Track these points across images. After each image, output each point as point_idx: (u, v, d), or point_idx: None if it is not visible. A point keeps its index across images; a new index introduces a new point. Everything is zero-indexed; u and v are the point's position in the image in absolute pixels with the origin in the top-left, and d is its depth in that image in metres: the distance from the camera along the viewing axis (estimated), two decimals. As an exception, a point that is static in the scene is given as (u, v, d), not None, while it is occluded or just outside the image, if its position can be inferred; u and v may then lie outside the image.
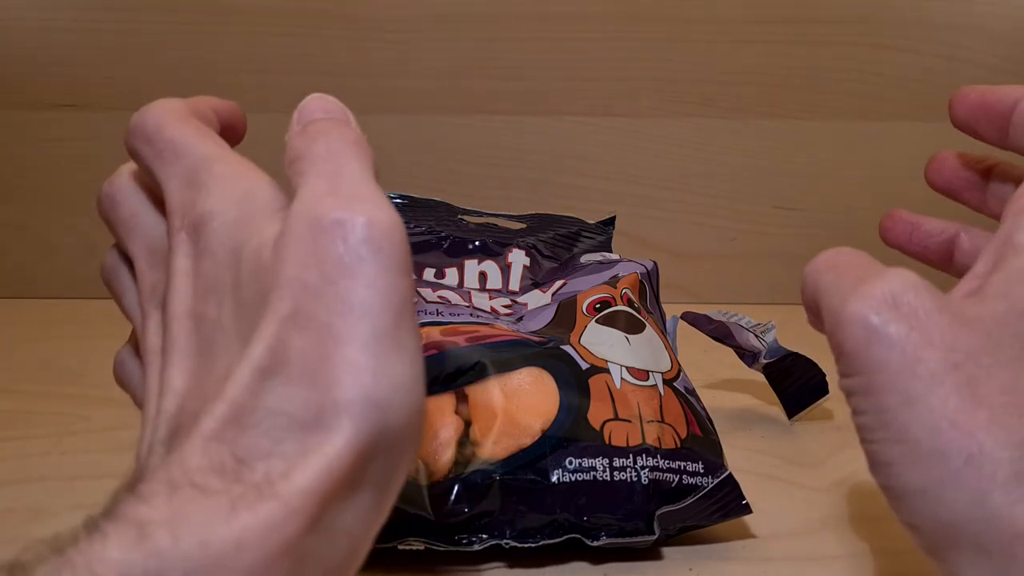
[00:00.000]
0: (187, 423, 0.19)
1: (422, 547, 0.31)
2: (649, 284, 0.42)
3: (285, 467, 0.17)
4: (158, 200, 0.23)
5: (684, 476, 0.32)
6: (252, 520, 0.16)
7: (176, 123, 0.23)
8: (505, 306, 0.40)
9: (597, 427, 0.32)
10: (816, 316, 0.25)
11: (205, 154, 0.22)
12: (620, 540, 0.31)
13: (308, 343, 0.18)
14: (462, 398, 0.33)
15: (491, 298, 0.41)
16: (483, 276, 0.43)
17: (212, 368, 0.20)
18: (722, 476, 0.33)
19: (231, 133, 0.26)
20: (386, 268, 0.18)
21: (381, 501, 0.19)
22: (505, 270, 0.43)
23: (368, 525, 0.19)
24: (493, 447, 0.32)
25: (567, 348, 0.35)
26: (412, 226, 0.44)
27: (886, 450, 0.21)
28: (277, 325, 0.18)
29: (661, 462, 0.32)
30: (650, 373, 0.35)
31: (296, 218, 0.19)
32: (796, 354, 0.43)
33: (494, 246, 0.45)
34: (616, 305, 0.38)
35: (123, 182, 0.24)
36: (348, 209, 0.19)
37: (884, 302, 0.22)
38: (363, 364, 0.18)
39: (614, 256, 0.44)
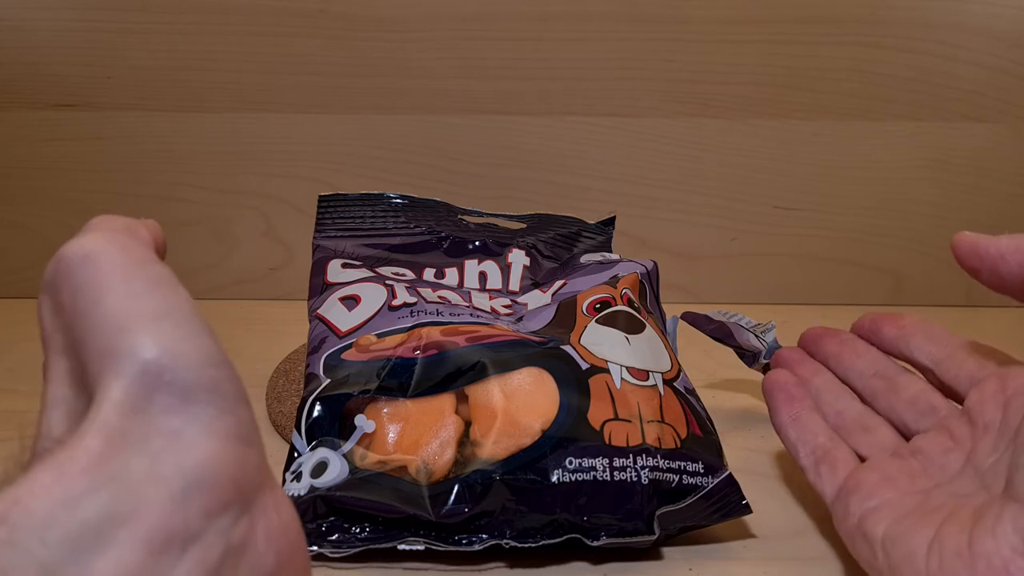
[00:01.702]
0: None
1: (422, 547, 0.31)
2: (649, 284, 0.42)
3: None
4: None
5: (684, 476, 0.32)
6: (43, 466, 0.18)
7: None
8: (505, 306, 0.40)
9: (597, 427, 0.32)
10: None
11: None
12: (620, 540, 0.31)
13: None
14: (462, 398, 0.33)
15: (491, 298, 0.41)
16: (483, 276, 0.43)
17: None
18: (722, 476, 0.33)
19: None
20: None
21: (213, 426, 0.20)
22: (505, 270, 0.43)
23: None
24: (493, 447, 0.32)
25: (567, 348, 0.35)
26: (412, 226, 0.44)
27: None
28: None
29: (661, 462, 0.32)
30: (650, 373, 0.35)
31: None
32: (796, 354, 0.43)
33: (494, 246, 0.45)
34: (616, 305, 0.38)
35: None
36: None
37: None
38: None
39: (614, 256, 0.44)
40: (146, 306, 0.20)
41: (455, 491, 0.31)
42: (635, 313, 0.38)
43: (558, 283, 0.42)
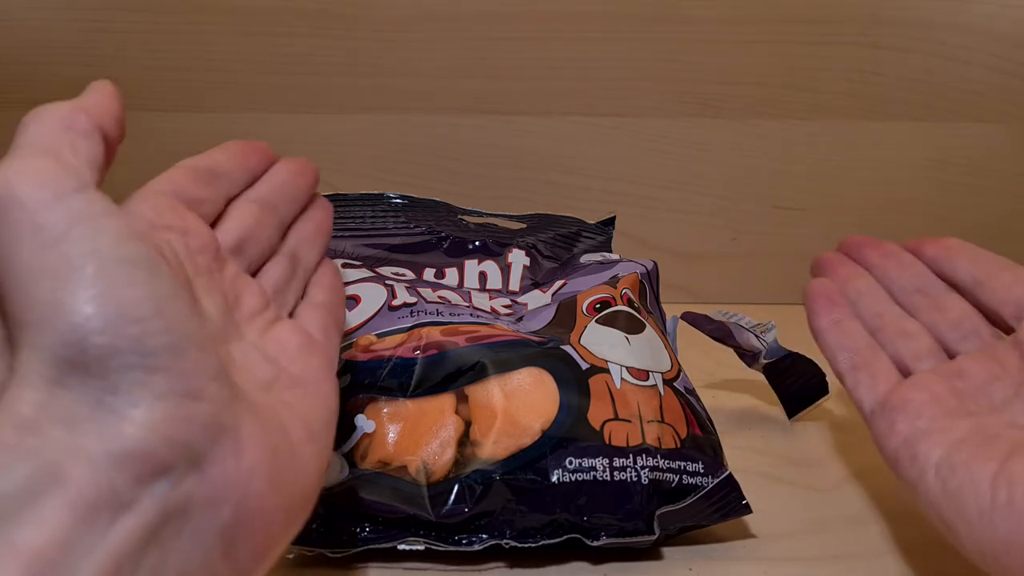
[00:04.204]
0: None
1: (422, 547, 0.31)
2: (649, 284, 0.42)
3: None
4: None
5: (684, 476, 0.32)
6: None
7: None
8: (505, 306, 0.40)
9: (597, 427, 0.32)
10: None
11: None
12: (620, 540, 0.31)
13: None
14: (462, 398, 0.33)
15: (491, 298, 0.41)
16: (483, 276, 0.43)
17: None
18: (722, 476, 0.33)
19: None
20: None
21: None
22: (505, 270, 0.43)
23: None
24: (493, 447, 0.32)
25: (567, 348, 0.35)
26: (412, 226, 0.44)
27: None
28: None
29: (661, 462, 0.32)
30: (650, 373, 0.35)
31: None
32: (796, 354, 0.43)
33: (494, 246, 0.45)
34: (616, 305, 0.38)
35: None
36: None
37: None
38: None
39: (614, 256, 0.44)
40: (57, 260, 0.18)
41: (455, 491, 0.31)
42: (635, 313, 0.38)
43: (558, 283, 0.42)
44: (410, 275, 0.42)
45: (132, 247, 0.19)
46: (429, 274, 0.42)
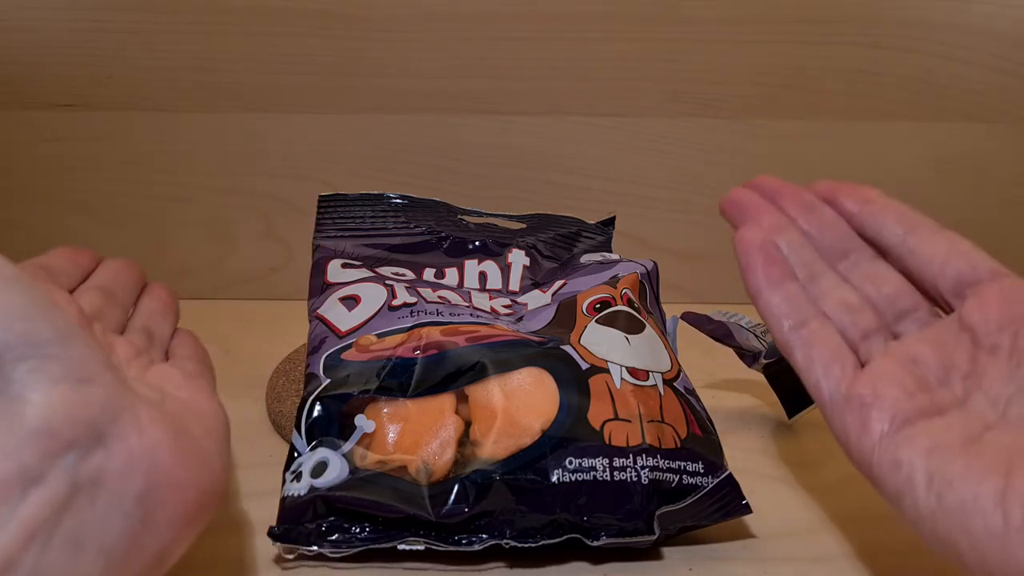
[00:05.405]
0: None
1: (422, 547, 0.31)
2: (649, 284, 0.42)
3: None
4: None
5: (684, 476, 0.32)
6: None
7: None
8: (505, 306, 0.40)
9: (597, 427, 0.32)
10: None
11: None
12: (620, 540, 0.31)
13: None
14: (462, 398, 0.33)
15: (491, 298, 0.41)
16: (483, 276, 0.43)
17: None
18: (722, 476, 0.33)
19: None
20: None
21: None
22: (505, 270, 0.43)
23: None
24: (493, 447, 0.32)
25: (567, 348, 0.35)
26: (412, 226, 0.44)
27: None
28: None
29: (661, 462, 0.32)
30: (650, 373, 0.35)
31: None
32: (796, 354, 0.43)
33: (494, 246, 0.45)
34: (616, 305, 0.38)
35: None
36: None
37: None
38: None
39: (614, 256, 0.44)
40: None
41: (455, 491, 0.31)
42: (635, 313, 0.38)
43: (558, 283, 0.42)
44: (410, 275, 0.42)
45: (5, 268, 0.21)
46: (429, 274, 0.42)
